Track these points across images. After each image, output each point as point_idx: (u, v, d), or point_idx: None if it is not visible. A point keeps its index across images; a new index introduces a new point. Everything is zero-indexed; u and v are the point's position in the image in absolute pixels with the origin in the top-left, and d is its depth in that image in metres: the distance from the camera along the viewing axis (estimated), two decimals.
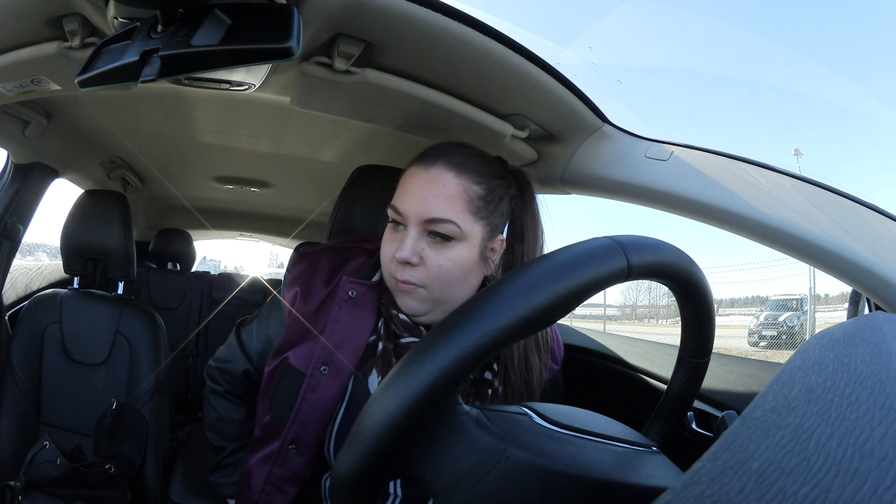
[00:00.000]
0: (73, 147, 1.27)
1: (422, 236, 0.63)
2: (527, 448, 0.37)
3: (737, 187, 0.68)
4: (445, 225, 0.62)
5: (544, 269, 0.35)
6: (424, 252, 0.62)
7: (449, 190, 0.62)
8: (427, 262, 0.62)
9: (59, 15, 0.60)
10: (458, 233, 0.62)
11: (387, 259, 0.65)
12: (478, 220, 0.64)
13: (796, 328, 10.96)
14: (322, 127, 1.17)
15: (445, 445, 0.37)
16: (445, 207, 0.62)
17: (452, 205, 0.62)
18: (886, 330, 0.35)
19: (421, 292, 0.64)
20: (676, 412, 0.52)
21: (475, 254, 0.64)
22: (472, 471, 0.36)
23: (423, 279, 0.63)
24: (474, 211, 0.63)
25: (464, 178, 0.63)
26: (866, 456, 0.19)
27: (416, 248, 0.62)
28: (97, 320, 1.12)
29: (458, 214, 0.62)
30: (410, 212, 0.62)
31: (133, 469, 1.02)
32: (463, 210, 0.62)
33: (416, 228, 0.62)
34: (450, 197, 0.62)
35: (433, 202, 0.62)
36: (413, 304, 0.65)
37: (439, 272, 0.63)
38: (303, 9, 0.54)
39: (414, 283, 0.63)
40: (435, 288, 0.63)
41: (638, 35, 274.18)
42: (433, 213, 0.61)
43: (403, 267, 0.63)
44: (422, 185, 0.63)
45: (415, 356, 0.34)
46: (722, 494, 0.18)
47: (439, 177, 0.63)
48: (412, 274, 0.63)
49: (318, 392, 0.67)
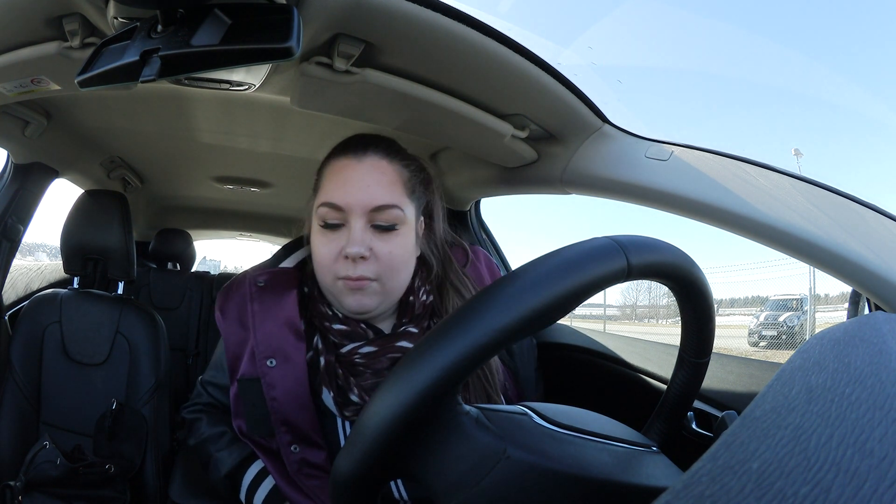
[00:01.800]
0: (73, 147, 1.27)
1: (367, 227, 0.61)
2: (527, 448, 0.37)
3: (737, 187, 0.68)
4: (391, 211, 0.61)
5: (544, 269, 0.35)
6: (372, 242, 0.61)
7: (388, 176, 0.63)
8: (377, 252, 0.61)
9: (59, 15, 0.60)
10: (401, 217, 0.63)
11: (329, 260, 0.62)
12: (412, 202, 0.65)
13: (796, 328, 10.95)
14: (322, 127, 1.17)
15: (445, 446, 0.37)
16: (388, 193, 0.62)
17: (394, 189, 0.63)
18: (886, 330, 0.35)
19: (373, 286, 0.62)
20: (676, 412, 0.52)
21: (413, 236, 0.65)
22: (472, 471, 0.36)
23: (376, 271, 0.62)
24: (409, 193, 0.65)
25: (396, 163, 0.64)
26: (866, 456, 0.19)
27: (365, 240, 0.61)
28: (97, 320, 1.12)
29: (400, 198, 0.63)
30: (354, 203, 0.61)
31: (133, 469, 1.02)
32: (402, 193, 0.64)
33: (360, 220, 0.61)
34: (391, 182, 0.63)
35: (376, 189, 0.61)
36: (366, 301, 0.63)
37: (390, 260, 0.62)
38: (303, 9, 0.54)
39: (367, 277, 0.61)
40: (387, 278, 0.63)
41: (638, 35, 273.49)
42: (379, 201, 0.61)
43: (353, 263, 0.61)
44: (361, 175, 0.62)
45: (415, 356, 0.34)
46: (722, 494, 0.18)
47: (376, 164, 0.63)
48: (364, 268, 0.61)
49: (278, 387, 0.64)
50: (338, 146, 0.67)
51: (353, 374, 0.64)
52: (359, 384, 0.63)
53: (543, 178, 0.96)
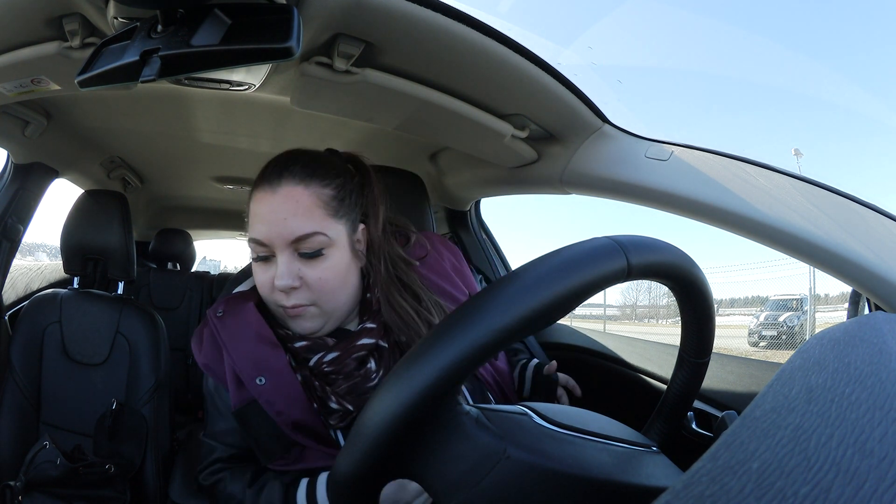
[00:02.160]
0: (73, 147, 1.27)
1: (293, 257, 0.62)
2: (527, 448, 0.37)
3: (737, 187, 0.68)
4: (313, 238, 0.61)
5: (544, 269, 0.35)
6: (301, 272, 0.62)
7: (304, 203, 0.61)
8: (307, 280, 0.62)
9: (59, 15, 0.60)
10: (326, 241, 0.62)
11: (267, 290, 0.64)
12: (338, 221, 0.64)
13: (796, 328, 10.95)
14: (322, 127, 1.17)
15: (445, 446, 0.37)
16: (306, 222, 0.61)
17: (312, 216, 0.61)
18: (886, 330, 0.35)
19: (311, 310, 0.64)
20: (676, 412, 0.52)
21: (347, 254, 0.65)
22: (472, 471, 0.36)
23: (310, 297, 0.63)
24: (332, 213, 0.63)
25: (313, 186, 0.62)
26: (866, 456, 0.20)
27: (293, 271, 0.61)
28: (97, 320, 1.11)
29: (320, 223, 0.62)
30: (274, 238, 0.61)
31: (133, 469, 1.02)
32: (323, 217, 0.62)
33: (285, 252, 0.61)
34: (307, 209, 0.61)
35: (293, 221, 0.61)
36: (307, 325, 0.65)
37: (323, 285, 0.62)
38: (303, 9, 0.54)
39: (303, 304, 0.63)
40: (323, 301, 0.63)
41: (638, 35, 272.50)
42: (297, 232, 0.60)
43: (287, 294, 0.62)
44: (275, 208, 0.61)
45: (415, 356, 0.34)
46: (722, 494, 0.18)
47: (290, 193, 0.61)
48: (297, 297, 0.62)
49: (278, 400, 0.63)
50: (259, 174, 0.66)
51: (327, 383, 0.65)
52: (334, 391, 0.64)
53: (543, 178, 0.97)
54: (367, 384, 0.65)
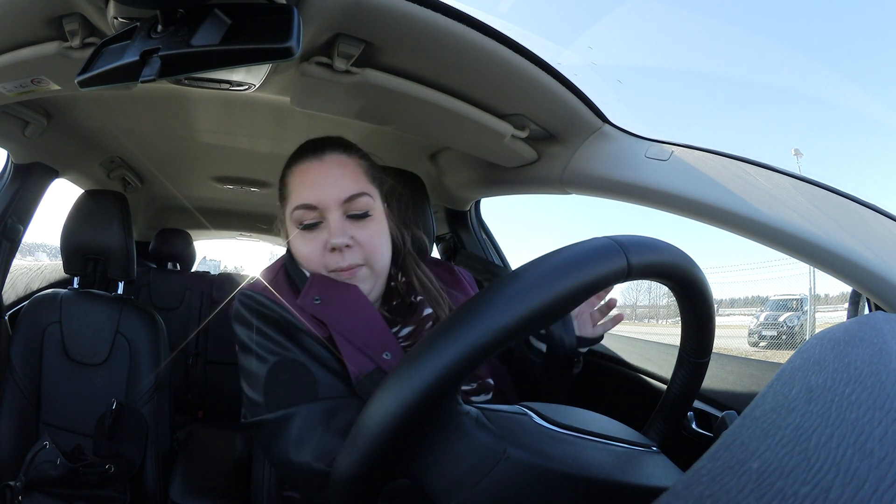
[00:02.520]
0: (73, 147, 1.27)
1: (343, 218, 0.65)
2: (526, 448, 0.37)
3: (737, 187, 0.68)
4: (362, 199, 0.65)
5: (544, 269, 0.35)
6: (352, 231, 0.65)
7: (351, 167, 0.67)
8: (358, 239, 0.65)
9: (59, 15, 0.60)
10: (371, 204, 0.67)
11: (317, 256, 0.65)
12: (376, 187, 0.69)
13: (796, 328, 10.94)
14: (322, 127, 1.17)
15: (445, 446, 0.37)
16: (356, 183, 0.66)
17: (359, 179, 0.67)
18: (886, 330, 0.35)
19: (364, 271, 0.66)
20: (676, 412, 0.52)
21: (384, 218, 0.70)
22: (472, 471, 0.36)
23: (363, 256, 0.65)
24: (372, 179, 0.69)
25: (353, 155, 0.69)
26: (866, 456, 0.19)
27: (346, 230, 0.64)
28: (97, 320, 1.11)
29: (366, 186, 0.67)
30: (327, 199, 0.64)
31: (133, 469, 1.02)
32: (367, 181, 0.68)
33: (336, 213, 0.64)
34: (355, 173, 0.67)
35: (344, 182, 0.65)
36: (360, 286, 0.66)
37: (373, 244, 0.66)
38: (303, 9, 0.54)
39: (357, 263, 0.65)
40: (374, 261, 0.66)
41: (638, 35, 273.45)
42: (349, 191, 0.65)
43: (340, 253, 0.64)
44: (325, 172, 0.66)
45: (415, 356, 0.34)
46: (722, 494, 0.18)
47: (336, 159, 0.67)
48: (351, 256, 0.64)
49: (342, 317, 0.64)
50: (295, 153, 0.71)
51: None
52: None
53: (543, 178, 0.96)
54: None
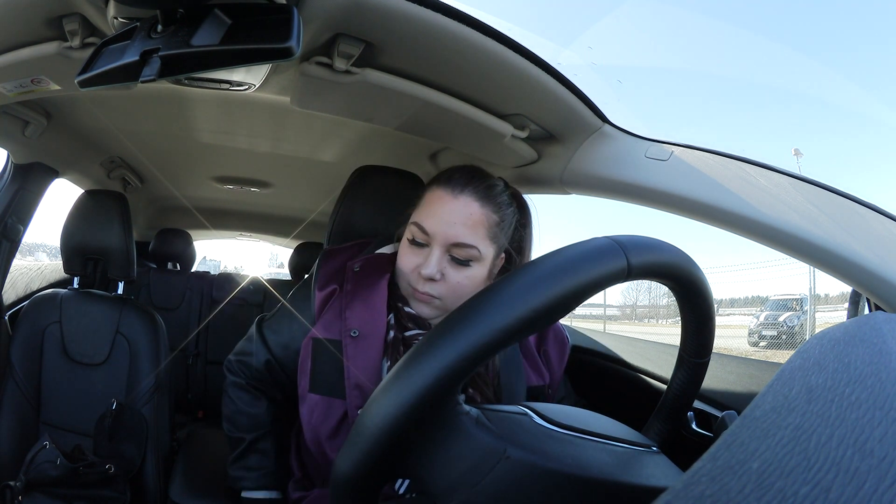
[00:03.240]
0: (73, 147, 1.27)
1: (444, 256, 0.69)
2: (526, 448, 0.37)
3: (737, 187, 0.68)
4: (469, 250, 0.68)
5: (544, 269, 0.35)
6: (446, 270, 0.69)
7: (475, 218, 0.69)
8: (448, 278, 0.69)
9: (59, 15, 0.60)
10: (477, 256, 0.69)
11: (408, 270, 0.71)
12: (492, 244, 0.71)
13: (796, 328, 10.94)
14: (322, 127, 1.17)
15: (445, 446, 0.37)
16: (471, 234, 0.68)
17: (476, 232, 0.69)
18: (886, 330, 0.35)
19: (436, 302, 0.71)
20: (676, 412, 0.52)
21: (486, 272, 0.72)
22: (472, 471, 0.36)
23: (442, 293, 0.70)
24: (492, 237, 0.70)
25: (487, 208, 0.70)
26: (866, 456, 0.19)
27: (440, 267, 0.69)
28: (97, 320, 1.11)
29: (480, 240, 0.69)
30: (438, 234, 0.68)
31: (133, 469, 1.02)
32: (484, 237, 0.69)
33: (440, 248, 0.69)
34: (475, 224, 0.69)
35: (461, 229, 0.68)
36: (426, 311, 0.72)
37: (457, 288, 0.70)
38: (303, 9, 0.54)
39: (432, 294, 0.70)
40: (450, 301, 0.70)
41: (638, 35, 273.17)
42: (460, 239, 0.68)
43: (425, 281, 0.69)
44: (451, 211, 0.69)
45: (415, 356, 0.34)
46: (722, 494, 0.18)
47: (468, 205, 0.69)
48: (432, 288, 0.69)
49: (358, 357, 0.71)
50: (443, 173, 0.73)
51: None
52: None
53: (543, 178, 0.97)
54: None
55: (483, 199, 0.70)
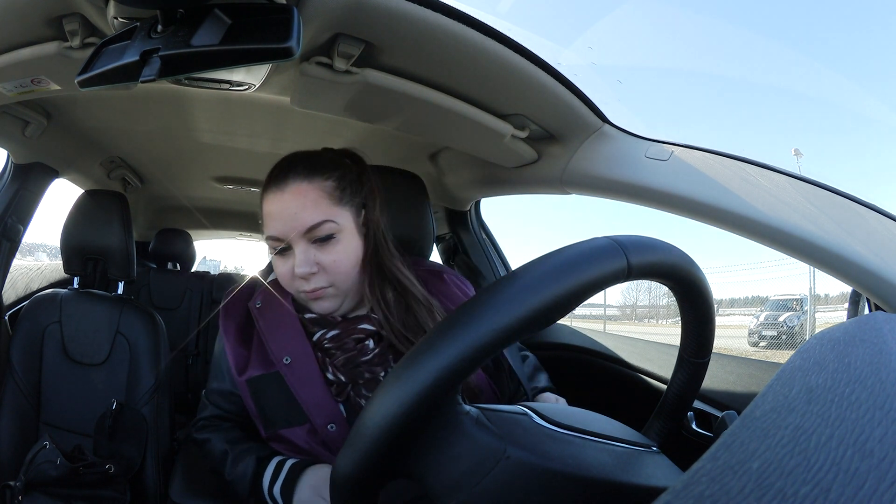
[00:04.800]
0: (73, 147, 1.27)
1: (308, 246, 0.69)
2: (527, 448, 0.37)
3: (737, 187, 0.68)
4: (323, 226, 0.68)
5: (544, 269, 0.35)
6: (317, 257, 0.69)
7: (311, 196, 0.68)
8: (323, 264, 0.69)
9: (59, 15, 0.60)
10: (336, 227, 0.69)
11: (288, 279, 0.71)
12: (343, 208, 0.70)
13: (796, 328, 10.94)
14: (322, 127, 1.17)
15: (445, 446, 0.37)
16: (316, 211, 0.68)
17: (319, 206, 0.68)
18: (886, 330, 0.35)
19: (329, 291, 0.70)
20: (676, 412, 0.52)
21: (356, 237, 0.72)
22: (472, 471, 0.36)
23: (327, 279, 0.70)
24: (337, 201, 0.70)
25: (316, 180, 0.69)
26: (866, 456, 0.20)
27: (309, 259, 0.68)
28: (97, 320, 1.11)
29: (328, 212, 0.68)
30: (289, 232, 0.68)
31: (133, 469, 1.02)
32: (329, 206, 0.69)
33: (300, 243, 0.68)
34: (315, 202, 0.68)
35: (303, 214, 0.67)
36: (327, 304, 0.72)
37: (337, 267, 0.69)
38: (303, 9, 0.54)
39: (321, 286, 0.69)
40: (339, 281, 0.70)
41: (638, 35, 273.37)
42: (308, 222, 0.67)
43: (306, 279, 0.69)
44: (285, 205, 0.68)
45: (415, 356, 0.34)
46: (722, 494, 0.18)
47: (297, 189, 0.68)
48: (316, 281, 0.69)
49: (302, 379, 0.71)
50: (266, 177, 0.72)
51: (327, 356, 0.73)
52: (332, 363, 0.72)
53: (543, 178, 0.97)
54: (362, 357, 0.72)
55: (308, 175, 0.69)
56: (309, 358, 0.72)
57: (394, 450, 0.35)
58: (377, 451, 0.34)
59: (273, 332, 0.75)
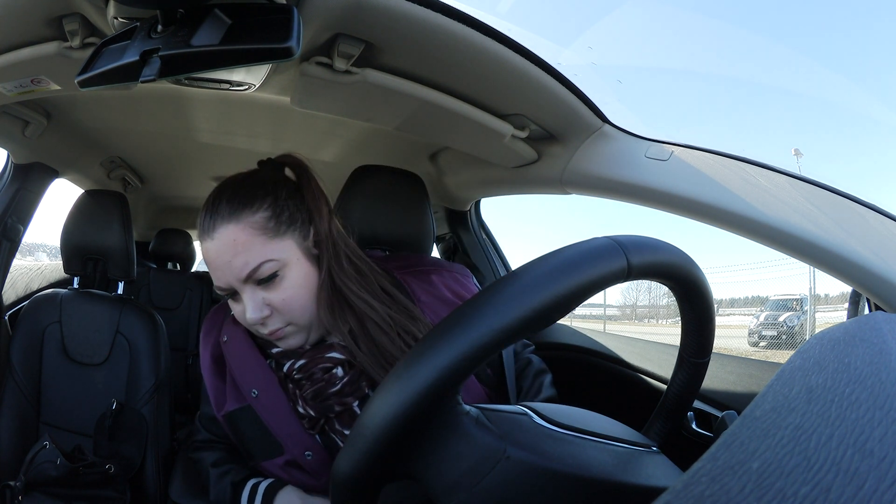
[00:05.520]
0: (73, 147, 1.27)
1: (255, 290, 0.64)
2: (526, 448, 0.37)
3: (737, 187, 0.68)
4: (262, 268, 0.62)
5: (544, 269, 0.35)
6: (267, 299, 0.64)
7: (241, 240, 0.62)
8: (274, 304, 0.64)
9: (59, 15, 0.60)
10: (277, 265, 0.63)
11: (244, 322, 0.67)
12: (282, 239, 0.64)
13: (796, 328, 10.94)
14: (322, 127, 1.17)
15: (445, 445, 0.37)
16: (251, 255, 0.62)
17: (253, 249, 0.62)
18: (886, 330, 0.35)
19: (288, 330, 0.66)
20: (676, 412, 0.52)
21: (304, 264, 0.66)
22: (472, 471, 0.36)
23: (283, 319, 0.65)
24: (272, 235, 0.63)
25: (245, 219, 0.62)
26: (866, 456, 0.20)
27: (257, 303, 0.64)
28: (97, 320, 1.11)
29: (263, 250, 0.62)
30: (229, 281, 0.63)
31: (133, 469, 1.02)
32: (264, 244, 0.63)
33: (244, 289, 0.63)
34: (247, 245, 0.62)
35: (237, 261, 0.62)
36: (291, 342, 0.68)
37: (290, 304, 0.64)
38: (303, 9, 0.54)
39: (278, 327, 0.65)
40: (296, 318, 0.66)
41: (638, 35, 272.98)
42: (245, 269, 0.62)
43: (262, 324, 0.65)
44: (218, 255, 0.63)
45: (415, 357, 0.34)
46: (722, 494, 0.18)
47: (225, 236, 0.62)
48: (272, 323, 0.65)
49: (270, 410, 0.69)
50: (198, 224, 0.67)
51: (297, 387, 0.70)
52: (302, 396, 0.69)
53: (543, 178, 0.97)
54: (330, 389, 0.68)
55: (234, 214, 0.62)
56: (275, 390, 0.70)
57: (394, 449, 0.35)
58: (377, 450, 0.34)
59: (240, 365, 0.72)
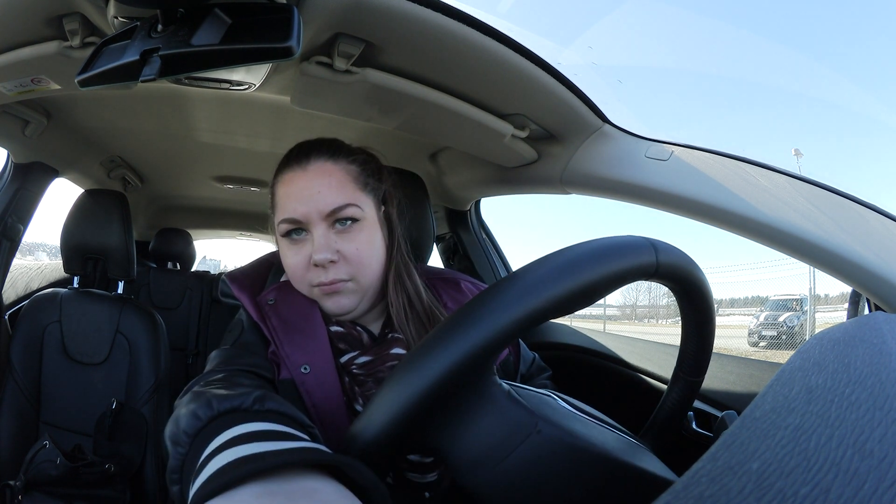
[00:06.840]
0: (73, 147, 1.27)
1: (328, 231, 0.62)
2: (557, 425, 0.38)
3: (737, 187, 0.68)
4: (347, 209, 0.62)
5: (583, 251, 0.37)
6: (338, 245, 0.62)
7: (336, 177, 0.63)
8: (344, 252, 0.62)
9: (59, 14, 0.60)
10: (360, 213, 0.63)
11: (301, 270, 0.63)
12: (367, 194, 0.65)
13: (796, 328, 10.95)
14: (322, 126, 1.17)
15: (477, 417, 0.38)
16: (341, 193, 0.62)
17: (344, 189, 0.62)
18: (886, 330, 0.35)
19: (349, 286, 0.63)
20: (668, 426, 0.53)
21: (377, 227, 0.66)
22: (500, 445, 0.37)
23: (348, 271, 0.62)
24: (362, 186, 0.65)
25: (341, 161, 0.64)
26: (866, 456, 0.20)
27: (330, 244, 0.61)
28: (97, 320, 1.12)
29: (352, 195, 0.63)
30: (310, 212, 0.61)
31: (133, 468, 1.02)
32: (354, 189, 0.63)
33: (320, 226, 0.61)
34: (340, 183, 0.62)
35: (327, 193, 0.61)
36: (344, 301, 0.63)
37: (360, 257, 0.62)
38: (303, 8, 0.54)
39: (341, 279, 0.62)
40: (360, 275, 0.63)
41: (638, 35, 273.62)
42: (333, 204, 0.61)
43: (325, 269, 0.61)
44: (308, 183, 0.62)
45: (452, 325, 0.35)
46: (722, 495, 0.18)
47: (321, 168, 0.63)
48: (336, 271, 0.62)
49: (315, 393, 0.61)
50: (283, 159, 0.67)
51: (356, 383, 0.63)
52: (363, 393, 0.62)
53: (543, 178, 0.96)
54: None
55: (333, 156, 0.64)
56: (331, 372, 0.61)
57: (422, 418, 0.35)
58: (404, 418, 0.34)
59: (290, 333, 0.63)
